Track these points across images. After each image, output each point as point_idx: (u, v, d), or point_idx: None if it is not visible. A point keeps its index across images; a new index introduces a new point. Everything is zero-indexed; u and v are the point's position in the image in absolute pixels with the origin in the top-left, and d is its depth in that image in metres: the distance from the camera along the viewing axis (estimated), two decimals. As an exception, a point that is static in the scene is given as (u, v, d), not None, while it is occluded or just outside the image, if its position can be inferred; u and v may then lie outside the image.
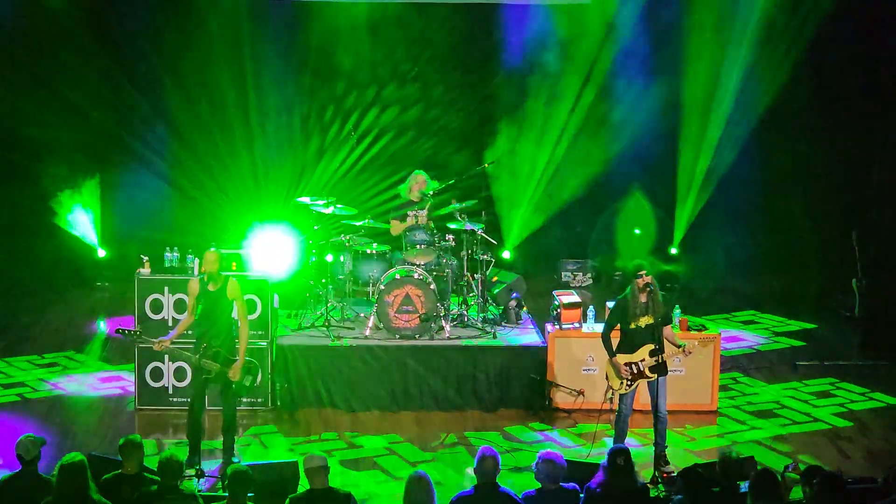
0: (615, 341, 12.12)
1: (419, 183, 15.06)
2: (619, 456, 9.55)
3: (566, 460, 9.56)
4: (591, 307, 14.29)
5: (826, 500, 8.78)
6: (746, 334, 16.82)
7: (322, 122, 18.32)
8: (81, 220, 18.57)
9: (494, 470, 9.23)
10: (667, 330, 12.11)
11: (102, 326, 16.62)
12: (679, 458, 12.34)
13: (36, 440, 9.52)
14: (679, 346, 12.21)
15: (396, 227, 14.99)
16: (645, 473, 11.76)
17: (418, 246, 14.49)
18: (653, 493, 10.70)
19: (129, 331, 12.24)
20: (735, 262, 18.92)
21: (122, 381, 14.44)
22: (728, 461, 9.51)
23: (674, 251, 18.94)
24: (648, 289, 11.83)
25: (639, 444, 12.62)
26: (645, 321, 11.91)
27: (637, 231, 19.01)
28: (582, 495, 9.41)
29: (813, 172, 18.52)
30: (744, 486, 9.25)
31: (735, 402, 14.24)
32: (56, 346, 15.78)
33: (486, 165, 15.19)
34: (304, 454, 10.01)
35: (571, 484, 9.46)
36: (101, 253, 18.69)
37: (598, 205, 19.01)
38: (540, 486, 9.40)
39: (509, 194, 18.60)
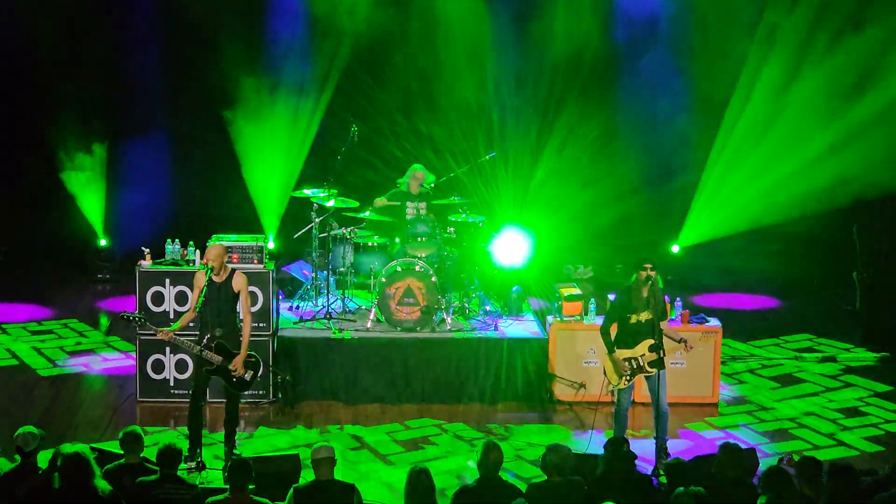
0: (613, 335, 12.11)
1: (417, 178, 15.05)
2: (619, 447, 9.55)
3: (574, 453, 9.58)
4: (592, 300, 14.29)
5: (840, 492, 8.80)
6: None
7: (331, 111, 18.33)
8: (86, 200, 18.61)
9: (498, 462, 9.24)
10: (664, 325, 12.10)
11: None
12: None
13: (35, 432, 9.52)
14: (679, 341, 12.20)
15: (377, 203, 15.00)
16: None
17: (419, 238, 14.49)
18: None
19: (133, 316, 12.25)
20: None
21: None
22: (727, 452, 9.52)
23: (675, 248, 18.85)
24: (650, 282, 11.82)
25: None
26: (645, 316, 11.89)
27: None
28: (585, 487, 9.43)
29: (813, 164, 18.45)
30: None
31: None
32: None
33: (487, 158, 15.18)
34: (309, 445, 10.02)
35: (577, 477, 9.47)
36: (102, 242, 18.69)
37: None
38: (546, 477, 9.41)
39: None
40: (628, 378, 11.97)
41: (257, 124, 18.25)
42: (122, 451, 9.91)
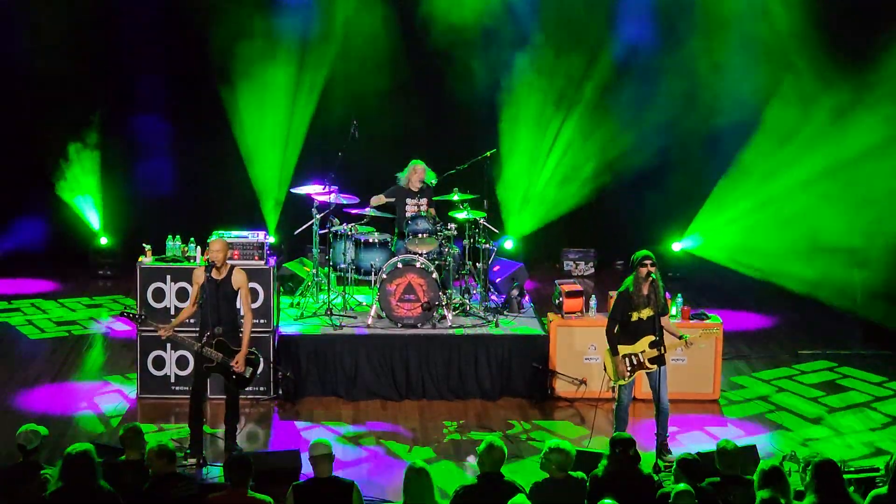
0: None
1: (418, 173, 15.03)
2: (622, 444, 9.55)
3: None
4: (593, 296, 14.29)
5: (823, 487, 8.82)
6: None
7: (330, 105, 18.30)
8: (82, 202, 18.57)
9: (500, 460, 9.24)
10: (664, 321, 12.09)
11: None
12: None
13: (37, 430, 9.52)
14: (680, 338, 12.20)
15: (376, 200, 14.99)
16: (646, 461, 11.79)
17: (420, 235, 14.48)
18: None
19: (134, 314, 12.25)
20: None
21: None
22: (726, 450, 9.53)
23: (677, 247, 18.77)
24: (651, 279, 11.81)
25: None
26: (646, 313, 11.88)
27: None
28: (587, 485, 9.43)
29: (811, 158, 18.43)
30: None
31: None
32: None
33: (488, 154, 15.17)
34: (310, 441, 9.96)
35: (578, 473, 9.47)
36: (103, 241, 18.65)
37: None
38: (547, 475, 9.41)
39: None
40: (629, 374, 11.96)
41: (257, 113, 18.25)
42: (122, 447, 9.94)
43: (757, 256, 17.38)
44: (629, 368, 11.93)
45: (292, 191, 16.43)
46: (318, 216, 14.75)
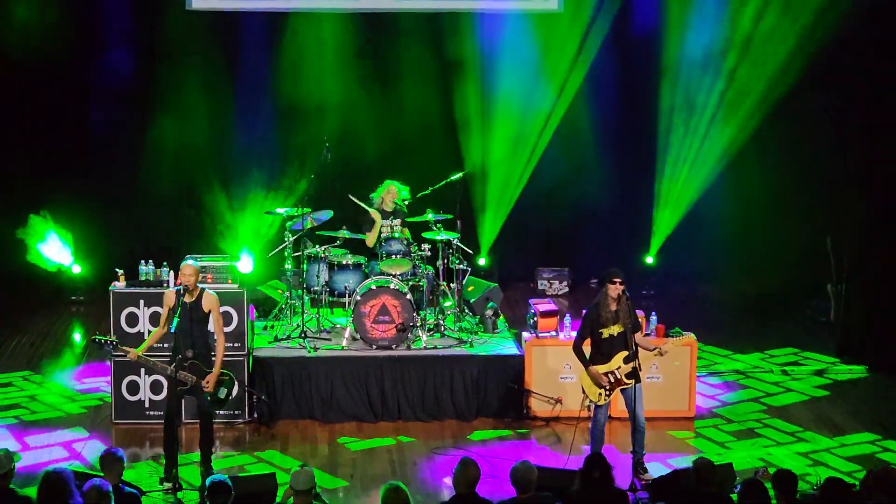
0: (587, 351, 12.12)
1: (391, 193, 15.04)
2: (596, 463, 9.55)
3: (541, 468, 9.54)
4: (567, 315, 14.30)
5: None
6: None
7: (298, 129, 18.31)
8: (53, 246, 18.40)
9: (475, 479, 9.21)
10: (638, 337, 12.12)
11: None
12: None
13: (9, 454, 9.45)
14: (654, 350, 12.24)
15: (370, 239, 14.97)
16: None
17: (394, 256, 14.48)
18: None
19: (105, 339, 12.22)
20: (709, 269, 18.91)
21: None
22: (702, 467, 9.54)
23: (650, 259, 18.87)
24: (620, 296, 11.84)
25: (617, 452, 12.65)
26: (616, 329, 11.91)
27: None
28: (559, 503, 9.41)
29: (786, 178, 18.52)
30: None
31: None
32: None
33: (461, 174, 15.22)
34: (288, 469, 9.91)
35: (546, 493, 9.45)
36: (76, 269, 18.51)
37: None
38: (516, 494, 9.39)
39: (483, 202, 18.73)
40: (608, 392, 11.97)
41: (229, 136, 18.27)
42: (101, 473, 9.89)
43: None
44: (607, 386, 11.93)
45: (267, 213, 16.44)
46: (291, 238, 14.74)
